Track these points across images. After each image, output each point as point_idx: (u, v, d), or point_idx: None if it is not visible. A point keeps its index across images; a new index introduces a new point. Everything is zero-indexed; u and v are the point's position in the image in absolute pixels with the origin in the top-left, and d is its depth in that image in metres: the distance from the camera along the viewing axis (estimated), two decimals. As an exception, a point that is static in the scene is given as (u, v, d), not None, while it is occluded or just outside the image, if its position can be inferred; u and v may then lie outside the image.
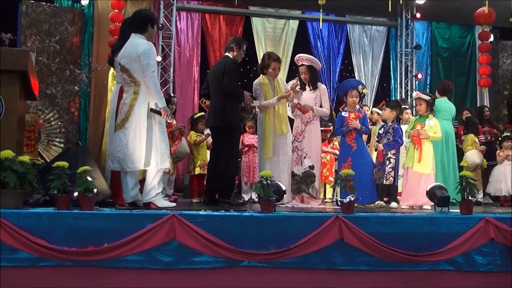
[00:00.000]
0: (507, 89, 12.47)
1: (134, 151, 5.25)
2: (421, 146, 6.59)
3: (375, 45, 12.78)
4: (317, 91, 6.89)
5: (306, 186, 6.68)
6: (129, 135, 5.27)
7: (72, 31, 10.69)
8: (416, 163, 6.57)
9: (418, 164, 6.56)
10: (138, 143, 5.25)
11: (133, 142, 5.26)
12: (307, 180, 6.68)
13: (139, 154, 5.25)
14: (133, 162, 5.26)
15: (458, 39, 13.03)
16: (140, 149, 5.25)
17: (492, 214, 4.98)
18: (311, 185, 6.69)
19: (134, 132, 5.26)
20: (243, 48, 6.61)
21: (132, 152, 5.25)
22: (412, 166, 6.60)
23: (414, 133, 6.65)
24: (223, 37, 11.77)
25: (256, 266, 4.40)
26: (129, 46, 5.40)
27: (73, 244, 4.23)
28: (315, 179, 6.72)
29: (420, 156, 6.56)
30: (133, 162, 5.26)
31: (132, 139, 5.26)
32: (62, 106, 10.23)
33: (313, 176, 6.70)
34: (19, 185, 4.37)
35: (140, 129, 5.27)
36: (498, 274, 4.79)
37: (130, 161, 5.26)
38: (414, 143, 6.64)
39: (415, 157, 6.59)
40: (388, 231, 4.67)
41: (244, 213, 4.65)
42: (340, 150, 7.10)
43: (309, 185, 6.69)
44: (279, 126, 6.67)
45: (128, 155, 5.26)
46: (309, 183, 6.69)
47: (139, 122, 5.27)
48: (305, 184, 6.68)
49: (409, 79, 12.61)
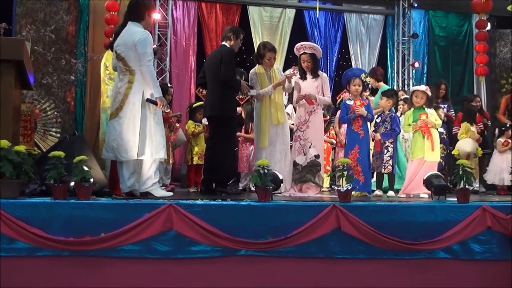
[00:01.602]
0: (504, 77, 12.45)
1: (128, 140, 5.23)
2: (431, 134, 6.55)
3: (372, 34, 12.73)
4: (319, 80, 6.87)
5: (312, 175, 6.70)
6: (124, 125, 5.25)
7: (67, 20, 10.61)
8: (429, 152, 6.52)
9: (431, 153, 6.52)
10: (132, 133, 5.23)
11: (127, 131, 5.24)
12: (313, 169, 6.71)
13: (133, 143, 5.23)
14: (127, 152, 5.24)
15: (455, 27, 12.99)
16: (134, 138, 5.23)
17: (489, 203, 5.00)
18: (317, 174, 6.71)
19: (128, 121, 5.24)
20: (240, 38, 6.59)
21: (126, 142, 5.23)
22: (424, 157, 6.54)
23: (422, 124, 6.60)
24: (220, 26, 11.72)
25: (253, 255, 4.41)
26: (125, 35, 5.37)
27: (70, 234, 4.23)
28: (320, 168, 6.75)
29: (433, 145, 6.52)
30: (127, 152, 5.24)
31: (126, 128, 5.24)
32: (58, 96, 10.19)
33: (318, 165, 6.73)
34: (16, 175, 4.37)
35: (134, 119, 5.24)
36: (495, 262, 4.82)
37: (124, 150, 5.25)
38: (424, 133, 6.56)
39: (427, 146, 6.53)
40: (385, 219, 4.68)
41: (241, 202, 4.65)
42: (346, 138, 7.07)
43: (315, 174, 6.71)
44: (275, 116, 6.66)
45: (122, 144, 5.24)
46: (315, 172, 6.72)
47: (134, 111, 5.24)
48: (311, 173, 6.70)
49: (406, 68, 12.58)
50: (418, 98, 6.75)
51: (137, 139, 5.23)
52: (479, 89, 12.40)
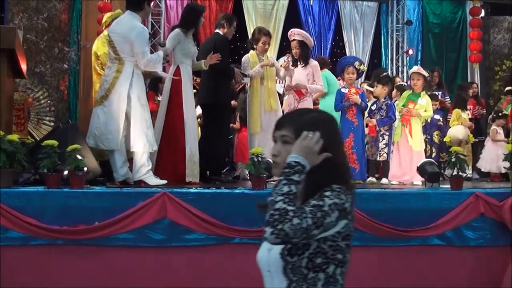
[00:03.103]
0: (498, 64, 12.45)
1: (110, 130, 5.20)
2: (410, 123, 6.57)
3: (366, 21, 12.68)
4: (309, 68, 6.86)
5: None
6: (107, 113, 5.23)
7: (60, 8, 10.53)
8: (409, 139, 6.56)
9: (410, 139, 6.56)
10: (115, 123, 5.20)
11: (110, 120, 5.21)
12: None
13: (116, 133, 5.19)
14: (109, 141, 5.22)
15: (449, 14, 12.95)
16: (117, 128, 5.19)
17: (482, 190, 5.03)
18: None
19: (112, 110, 5.20)
20: (234, 25, 6.56)
21: (109, 131, 5.20)
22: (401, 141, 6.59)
23: (405, 112, 6.62)
24: (213, 14, 11.63)
25: (248, 243, 4.42)
26: (122, 25, 5.33)
27: (64, 223, 4.23)
28: None
29: (410, 133, 6.54)
30: (109, 141, 5.22)
31: (109, 117, 5.21)
32: (51, 85, 10.13)
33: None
34: (9, 164, 4.36)
35: (119, 109, 5.20)
36: (488, 249, 4.85)
37: (106, 140, 5.22)
38: (402, 121, 6.62)
39: (406, 133, 6.58)
40: (380, 207, 4.70)
41: (235, 190, 4.66)
42: (341, 127, 7.07)
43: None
44: (268, 101, 6.63)
45: (105, 133, 5.22)
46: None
47: (119, 101, 5.20)
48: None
49: (400, 55, 12.56)
50: (414, 80, 6.76)
51: (120, 129, 5.19)
52: (473, 76, 12.38)
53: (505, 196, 4.87)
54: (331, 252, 1.94)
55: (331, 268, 1.94)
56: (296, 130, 2.00)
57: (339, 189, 1.94)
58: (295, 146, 1.97)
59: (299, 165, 1.92)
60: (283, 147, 2.03)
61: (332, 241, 1.94)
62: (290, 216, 1.82)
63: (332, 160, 1.99)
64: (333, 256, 1.95)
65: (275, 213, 1.83)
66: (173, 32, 5.99)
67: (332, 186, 1.94)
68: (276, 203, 1.85)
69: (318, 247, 1.92)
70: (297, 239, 1.84)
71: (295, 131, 2.00)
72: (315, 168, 1.96)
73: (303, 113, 2.18)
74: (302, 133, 1.97)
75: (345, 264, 2.00)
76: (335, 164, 2.01)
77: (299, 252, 1.92)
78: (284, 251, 1.94)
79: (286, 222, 1.81)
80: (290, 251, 1.93)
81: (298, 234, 1.82)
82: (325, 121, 2.09)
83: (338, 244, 1.96)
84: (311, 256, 1.92)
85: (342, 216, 1.95)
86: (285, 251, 1.94)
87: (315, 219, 1.84)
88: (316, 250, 1.92)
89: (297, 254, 1.92)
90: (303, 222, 1.82)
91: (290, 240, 1.84)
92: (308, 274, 1.92)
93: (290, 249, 1.93)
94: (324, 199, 1.90)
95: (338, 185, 1.95)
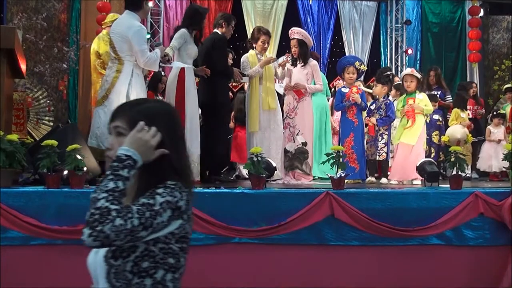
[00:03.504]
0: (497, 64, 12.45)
1: None
2: (414, 119, 6.55)
3: (365, 20, 12.68)
4: (308, 67, 6.87)
5: (299, 162, 6.69)
6: (108, 113, 5.20)
7: (59, 8, 10.53)
8: (405, 134, 6.54)
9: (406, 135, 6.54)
10: None
11: None
12: (300, 157, 6.70)
13: None
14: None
15: (448, 14, 12.95)
16: None
17: (482, 189, 5.02)
18: (304, 162, 6.71)
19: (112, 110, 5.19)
20: (232, 24, 6.55)
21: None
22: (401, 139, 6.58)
23: (408, 108, 6.60)
24: (212, 14, 11.60)
25: (247, 242, 4.42)
26: (121, 25, 5.34)
27: (63, 223, 4.23)
28: (308, 156, 6.73)
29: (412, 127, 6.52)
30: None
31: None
32: (50, 84, 10.13)
33: (306, 152, 6.71)
34: (8, 164, 4.36)
35: None
36: (487, 248, 4.85)
37: (107, 139, 5.21)
38: (408, 117, 6.58)
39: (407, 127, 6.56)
40: (379, 206, 4.70)
41: (234, 190, 4.66)
42: (341, 126, 7.07)
43: (302, 162, 6.70)
44: (266, 101, 6.63)
45: (106, 133, 5.21)
46: (302, 159, 6.71)
47: (119, 101, 5.19)
48: (298, 160, 6.69)
49: (399, 55, 12.56)
50: (407, 82, 6.73)
51: None
52: (472, 76, 12.38)
53: (505, 196, 4.87)
54: (161, 256, 1.78)
55: (160, 273, 1.78)
56: (131, 121, 1.84)
57: (173, 186, 1.79)
58: (128, 138, 1.80)
59: (130, 159, 1.75)
60: (117, 140, 1.87)
61: (164, 243, 1.78)
62: (112, 216, 1.64)
63: (170, 156, 1.83)
64: (163, 260, 1.78)
65: (95, 212, 1.64)
66: (180, 31, 5.98)
67: (166, 182, 1.79)
68: (98, 201, 1.67)
69: (146, 250, 1.76)
70: (120, 242, 1.66)
71: (129, 122, 1.84)
72: (149, 163, 1.80)
73: (140, 102, 1.98)
74: (138, 124, 1.80)
75: (178, 270, 1.84)
76: (173, 160, 1.84)
77: (124, 254, 1.76)
78: (108, 253, 1.78)
79: (107, 223, 1.63)
80: (114, 253, 1.76)
81: (121, 237, 1.64)
82: (164, 113, 1.91)
83: (170, 247, 1.80)
84: (137, 259, 1.75)
85: (176, 215, 1.80)
86: (109, 254, 1.78)
87: (143, 219, 1.68)
88: (143, 253, 1.76)
89: (122, 257, 1.76)
90: (127, 223, 1.64)
91: (112, 243, 1.66)
92: (132, 279, 1.75)
93: (114, 252, 1.76)
94: (156, 197, 1.74)
95: (173, 181, 1.80)
